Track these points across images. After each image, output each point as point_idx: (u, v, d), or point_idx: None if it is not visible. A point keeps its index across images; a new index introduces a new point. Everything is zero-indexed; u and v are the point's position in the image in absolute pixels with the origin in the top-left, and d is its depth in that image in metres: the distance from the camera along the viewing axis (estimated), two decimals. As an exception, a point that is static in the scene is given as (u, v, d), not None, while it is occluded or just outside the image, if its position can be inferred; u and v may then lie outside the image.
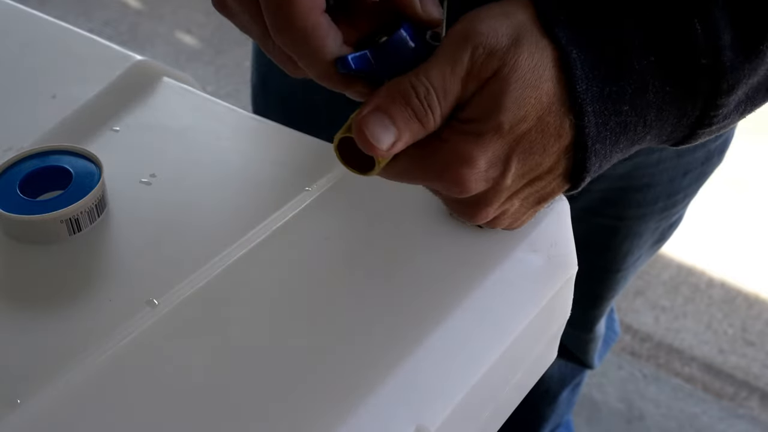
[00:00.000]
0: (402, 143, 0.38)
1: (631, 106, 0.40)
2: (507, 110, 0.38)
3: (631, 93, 0.40)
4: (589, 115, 0.39)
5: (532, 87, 0.38)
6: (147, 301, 0.44)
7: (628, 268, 0.82)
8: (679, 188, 0.74)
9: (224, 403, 0.40)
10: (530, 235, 0.48)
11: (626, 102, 0.40)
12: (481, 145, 0.38)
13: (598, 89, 0.39)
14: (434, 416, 0.42)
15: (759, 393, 1.51)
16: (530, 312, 0.47)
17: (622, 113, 0.40)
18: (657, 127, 0.42)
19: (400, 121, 0.38)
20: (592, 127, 0.40)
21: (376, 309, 0.44)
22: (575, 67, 0.38)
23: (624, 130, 0.41)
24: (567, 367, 1.05)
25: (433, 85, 0.38)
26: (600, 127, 0.40)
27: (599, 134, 0.40)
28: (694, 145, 0.70)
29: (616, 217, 0.75)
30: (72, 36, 0.65)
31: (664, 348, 1.58)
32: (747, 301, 1.67)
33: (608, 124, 0.40)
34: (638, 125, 0.41)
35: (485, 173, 0.39)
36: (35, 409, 0.39)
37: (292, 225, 0.49)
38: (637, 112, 0.40)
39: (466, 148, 0.38)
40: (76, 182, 0.50)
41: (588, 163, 0.41)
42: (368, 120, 0.37)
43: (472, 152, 0.38)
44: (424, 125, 0.38)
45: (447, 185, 0.40)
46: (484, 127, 0.38)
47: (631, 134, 0.41)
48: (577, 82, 0.39)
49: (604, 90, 0.39)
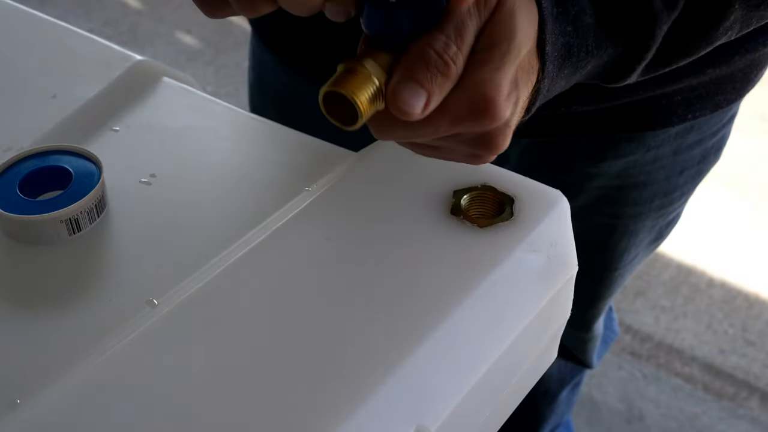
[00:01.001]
0: (435, 100, 0.39)
1: (573, 26, 0.42)
2: (520, 31, 0.39)
3: (573, 14, 0.42)
4: (548, 34, 0.41)
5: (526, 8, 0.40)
6: (147, 301, 0.44)
7: (625, 266, 0.82)
8: (675, 186, 0.74)
9: (224, 403, 0.40)
10: (530, 235, 0.48)
11: (569, 23, 0.42)
12: (502, 70, 0.39)
13: (550, 8, 0.41)
14: (434, 416, 0.42)
15: (759, 393, 1.51)
16: (530, 312, 0.47)
17: (567, 34, 0.42)
18: (596, 55, 0.44)
19: (426, 82, 0.38)
20: (549, 45, 0.41)
21: (376, 309, 0.44)
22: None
23: (569, 53, 0.42)
24: (566, 366, 1.05)
25: (447, 34, 0.38)
26: (552, 46, 0.41)
27: (552, 54, 0.41)
28: (689, 143, 0.70)
29: (613, 215, 0.75)
30: (72, 36, 0.65)
31: (664, 348, 1.58)
32: (747, 301, 1.67)
33: (556, 44, 0.41)
34: (581, 50, 0.43)
35: (509, 97, 0.39)
36: (35, 409, 0.39)
37: (292, 225, 0.49)
38: (578, 34, 0.42)
39: (491, 75, 0.38)
40: (76, 182, 0.50)
41: (542, 84, 0.42)
42: (399, 91, 0.38)
43: (496, 77, 0.38)
44: (449, 76, 0.38)
45: (479, 118, 0.39)
46: (500, 52, 0.38)
47: (575, 59, 0.43)
48: (542, 3, 0.40)
49: (554, 10, 0.41)
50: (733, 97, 0.68)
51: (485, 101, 0.38)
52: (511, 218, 0.49)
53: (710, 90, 0.66)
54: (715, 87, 0.66)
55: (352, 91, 0.38)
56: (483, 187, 0.50)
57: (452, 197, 0.50)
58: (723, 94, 0.67)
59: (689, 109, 0.67)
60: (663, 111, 0.67)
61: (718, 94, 0.67)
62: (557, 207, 0.50)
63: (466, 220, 0.49)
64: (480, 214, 0.50)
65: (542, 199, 0.50)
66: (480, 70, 0.38)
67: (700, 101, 0.66)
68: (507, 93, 0.39)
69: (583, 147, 0.70)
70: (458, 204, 0.49)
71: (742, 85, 0.68)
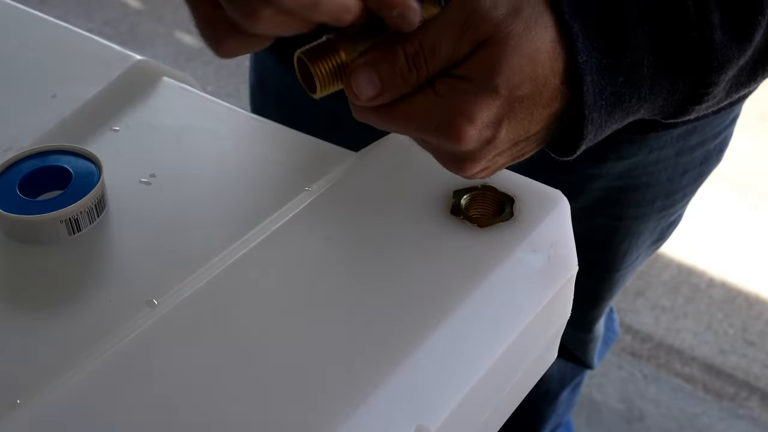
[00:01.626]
0: (383, 98, 0.40)
1: (625, 77, 0.42)
2: (502, 74, 0.39)
3: (626, 65, 0.42)
4: (588, 85, 0.41)
5: (528, 57, 0.40)
6: (147, 301, 0.44)
7: (626, 267, 0.82)
8: (677, 188, 0.74)
9: (224, 403, 0.40)
10: (530, 235, 0.48)
11: (621, 73, 0.42)
12: (479, 104, 0.40)
13: (597, 60, 0.41)
14: (434, 416, 0.42)
15: (759, 393, 1.51)
16: (530, 312, 0.47)
17: (617, 84, 0.42)
18: (650, 100, 0.44)
19: (384, 76, 0.40)
20: (590, 95, 0.41)
21: (377, 309, 0.44)
22: (577, 39, 0.40)
23: (619, 101, 0.42)
24: (567, 367, 1.05)
25: (422, 45, 0.40)
26: (596, 96, 0.41)
27: (596, 104, 0.42)
28: (692, 145, 0.70)
29: (615, 216, 0.75)
30: (72, 36, 0.65)
31: (664, 348, 1.58)
32: (747, 301, 1.67)
33: (604, 94, 0.42)
34: (632, 97, 0.43)
35: (480, 132, 0.40)
36: (35, 409, 0.39)
37: (292, 225, 0.49)
38: (631, 84, 0.42)
39: (466, 105, 0.40)
40: (76, 182, 0.50)
41: (585, 131, 0.43)
42: (356, 72, 0.40)
43: (473, 109, 0.40)
44: (407, 82, 0.40)
45: (444, 138, 0.41)
46: (479, 87, 0.40)
47: (626, 105, 0.43)
48: (579, 54, 0.40)
49: (602, 62, 0.41)
50: (735, 100, 0.68)
51: (455, 128, 0.40)
52: (511, 218, 0.49)
53: None
54: None
55: (314, 60, 0.40)
56: (483, 187, 0.50)
57: (452, 197, 0.50)
58: None
59: None
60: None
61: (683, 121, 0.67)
62: (557, 207, 0.50)
63: (466, 220, 0.49)
64: (480, 214, 0.50)
65: (542, 199, 0.50)
66: (456, 96, 0.40)
67: None
68: (480, 127, 0.40)
69: (585, 148, 0.70)
70: (458, 204, 0.49)
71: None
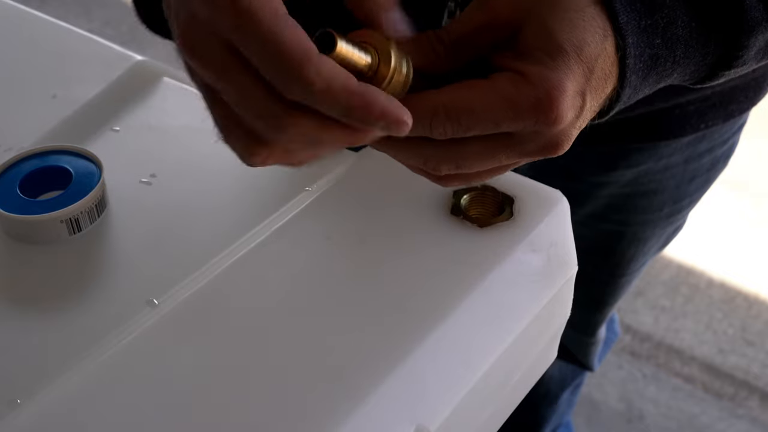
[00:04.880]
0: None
1: (662, 39, 0.41)
2: (561, 31, 0.38)
3: (662, 26, 0.41)
4: (630, 46, 0.40)
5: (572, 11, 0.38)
6: (147, 301, 0.44)
7: (632, 273, 0.82)
8: (685, 194, 0.74)
9: (224, 403, 0.40)
10: (530, 235, 0.48)
11: (658, 35, 0.41)
12: (561, 69, 0.38)
13: (635, 22, 0.40)
14: (434, 416, 0.42)
15: (759, 393, 1.51)
16: (530, 312, 0.47)
17: (654, 46, 0.41)
18: (683, 63, 0.43)
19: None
20: (631, 57, 0.40)
21: (377, 309, 0.44)
22: (615, 1, 0.39)
23: (654, 64, 0.42)
24: (567, 368, 1.05)
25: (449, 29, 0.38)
26: (636, 58, 0.40)
27: (635, 66, 0.41)
28: (700, 151, 0.70)
29: (622, 222, 0.75)
30: (72, 36, 0.65)
31: (663, 348, 1.58)
32: (747, 301, 1.67)
33: (642, 56, 0.41)
34: (668, 60, 0.42)
35: (573, 101, 0.38)
36: (35, 409, 0.39)
37: (292, 225, 0.49)
38: (667, 45, 0.41)
39: (551, 75, 0.37)
40: (76, 182, 0.50)
41: (623, 93, 0.41)
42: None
43: (559, 78, 0.37)
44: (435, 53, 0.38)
45: (543, 116, 0.37)
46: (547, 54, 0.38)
47: (660, 69, 0.42)
48: (618, 15, 0.39)
49: (641, 23, 0.40)
50: (745, 106, 0.68)
51: (552, 101, 0.37)
52: (511, 218, 0.49)
53: (723, 99, 0.66)
54: (728, 96, 0.66)
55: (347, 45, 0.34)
56: (483, 187, 0.50)
57: (452, 197, 0.50)
58: (735, 103, 0.67)
59: (702, 119, 0.66)
60: (676, 121, 0.66)
61: (731, 104, 0.67)
62: (557, 207, 0.50)
63: (466, 220, 0.49)
64: (480, 214, 0.50)
65: (542, 199, 0.50)
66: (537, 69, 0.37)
67: (713, 111, 0.66)
68: (571, 95, 0.38)
69: (594, 156, 0.70)
70: (458, 204, 0.49)
71: (755, 93, 0.67)
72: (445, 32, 0.39)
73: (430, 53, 0.39)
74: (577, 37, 0.38)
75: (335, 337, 0.43)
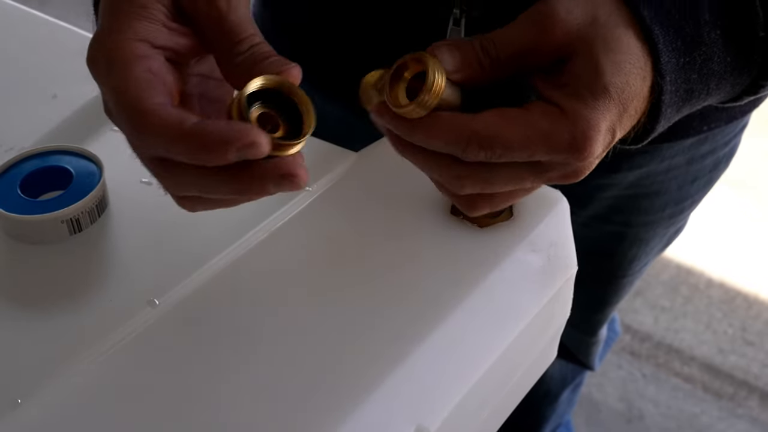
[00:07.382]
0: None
1: (698, 74, 0.43)
2: (606, 74, 0.39)
3: (700, 63, 0.42)
4: (667, 84, 0.41)
5: (620, 54, 0.39)
6: (147, 301, 0.44)
7: (634, 274, 0.82)
8: (687, 195, 0.74)
9: (224, 402, 0.40)
10: (530, 235, 0.48)
11: (695, 71, 0.42)
12: (600, 110, 0.39)
13: (675, 60, 0.41)
14: (434, 416, 0.42)
15: (758, 393, 1.51)
16: (530, 312, 0.48)
17: (691, 81, 0.42)
18: (715, 94, 0.45)
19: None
20: (667, 95, 0.42)
21: (377, 309, 0.44)
22: (658, 41, 0.40)
23: (689, 97, 0.43)
24: (567, 367, 1.05)
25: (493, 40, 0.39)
26: (672, 94, 0.42)
27: (671, 101, 0.42)
28: (703, 153, 0.70)
29: (624, 223, 0.75)
30: (72, 36, 0.65)
31: (663, 348, 1.58)
32: (746, 301, 1.67)
33: (678, 91, 0.42)
34: (702, 92, 0.44)
35: (604, 137, 0.40)
36: (35, 409, 0.39)
37: (292, 225, 0.49)
38: (702, 80, 0.43)
39: (590, 115, 0.39)
40: (77, 182, 0.50)
41: (657, 125, 0.43)
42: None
43: (597, 118, 0.39)
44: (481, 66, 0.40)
45: (576, 153, 0.39)
46: (591, 92, 0.39)
47: (694, 100, 0.44)
48: (661, 55, 0.40)
49: (680, 61, 0.41)
50: (747, 108, 0.68)
51: (585, 140, 0.39)
52: (511, 218, 0.49)
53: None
54: None
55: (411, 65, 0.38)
56: (483, 187, 0.50)
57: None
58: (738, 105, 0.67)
59: (705, 121, 0.66)
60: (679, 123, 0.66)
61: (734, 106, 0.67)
62: (557, 207, 0.50)
63: (466, 220, 0.49)
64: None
65: (542, 199, 0.50)
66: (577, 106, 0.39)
67: (716, 113, 0.66)
68: (604, 134, 0.39)
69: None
70: (458, 204, 0.49)
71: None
72: (492, 44, 0.40)
73: (475, 65, 0.39)
74: (621, 80, 0.39)
75: (335, 337, 0.43)
